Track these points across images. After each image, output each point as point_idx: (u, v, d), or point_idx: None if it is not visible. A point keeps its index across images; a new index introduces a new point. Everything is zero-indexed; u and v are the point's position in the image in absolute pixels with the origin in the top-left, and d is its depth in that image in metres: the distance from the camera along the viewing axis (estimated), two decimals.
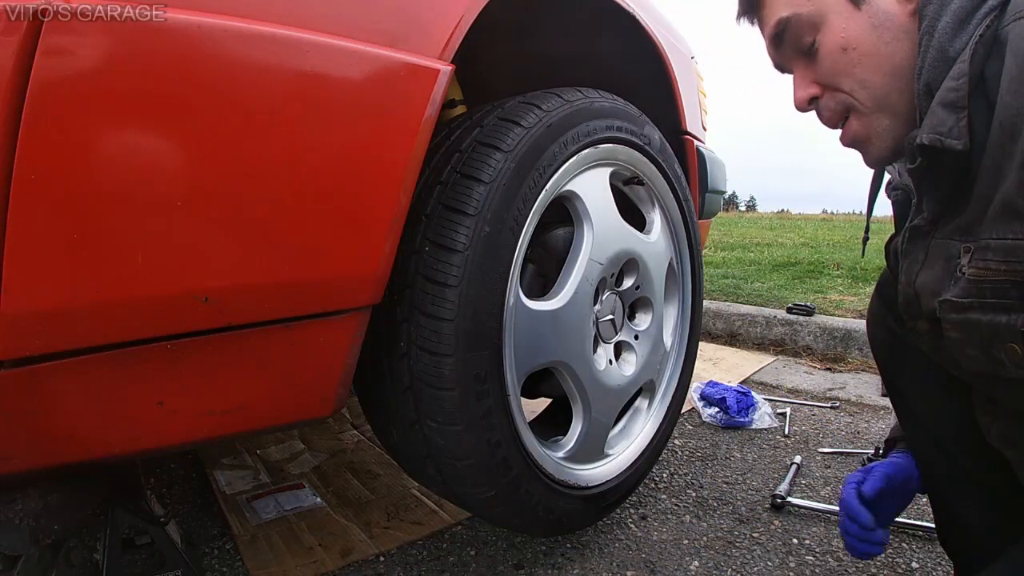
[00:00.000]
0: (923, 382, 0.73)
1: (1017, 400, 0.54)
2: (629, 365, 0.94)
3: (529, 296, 0.76)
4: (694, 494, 1.19)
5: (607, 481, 0.91)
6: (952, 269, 0.54)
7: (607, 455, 0.94)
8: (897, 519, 1.06)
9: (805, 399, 1.80)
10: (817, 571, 0.94)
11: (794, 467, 1.29)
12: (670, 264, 1.02)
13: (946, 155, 0.51)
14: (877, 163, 0.64)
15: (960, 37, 0.51)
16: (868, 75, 0.58)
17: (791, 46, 0.62)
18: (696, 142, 1.24)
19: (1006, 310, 0.48)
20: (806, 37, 0.60)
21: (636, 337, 0.95)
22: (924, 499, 1.14)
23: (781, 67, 0.66)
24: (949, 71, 0.51)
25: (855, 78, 0.59)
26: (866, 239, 0.77)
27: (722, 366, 2.15)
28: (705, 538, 1.02)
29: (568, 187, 0.80)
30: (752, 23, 0.66)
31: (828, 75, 0.60)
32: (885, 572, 0.94)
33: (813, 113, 0.65)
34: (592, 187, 0.83)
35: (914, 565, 0.96)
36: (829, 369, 2.13)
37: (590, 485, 0.88)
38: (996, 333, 0.49)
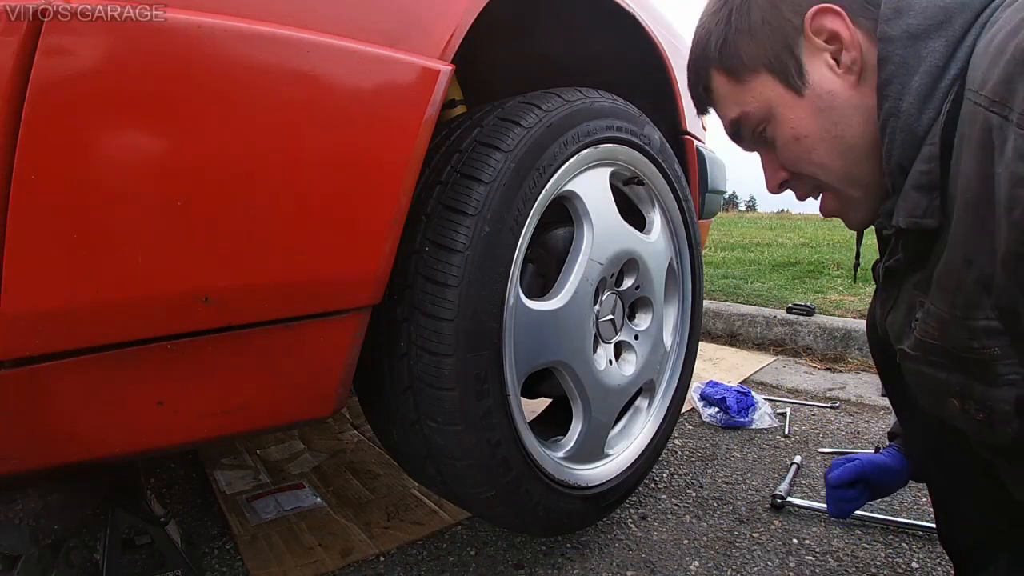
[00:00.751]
0: None
1: (977, 440, 0.55)
2: (629, 365, 0.94)
3: (529, 296, 0.76)
4: (694, 494, 1.19)
5: (607, 481, 0.91)
6: (909, 321, 0.57)
7: (607, 455, 0.94)
8: (897, 519, 1.07)
9: (805, 399, 1.80)
10: (817, 571, 0.94)
11: (794, 467, 1.29)
12: (670, 264, 1.02)
13: (921, 232, 0.53)
14: (858, 227, 0.66)
15: (926, 113, 0.51)
16: (825, 159, 0.59)
17: (749, 139, 0.64)
18: (696, 142, 1.24)
19: (945, 369, 0.52)
20: (759, 129, 0.62)
21: (636, 337, 0.95)
22: (925, 499, 1.15)
23: (748, 149, 0.68)
24: (919, 152, 0.51)
25: (814, 163, 0.60)
26: (857, 265, 0.79)
27: (722, 366, 2.15)
28: (705, 538, 1.02)
29: (568, 187, 0.80)
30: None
31: (789, 163, 0.62)
32: (885, 572, 0.94)
33: None
34: (592, 187, 0.83)
35: (914, 565, 0.96)
36: (829, 369, 2.13)
37: (590, 485, 0.88)
38: (940, 387, 0.53)
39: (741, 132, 0.64)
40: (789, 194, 0.67)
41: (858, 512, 0.99)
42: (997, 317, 0.46)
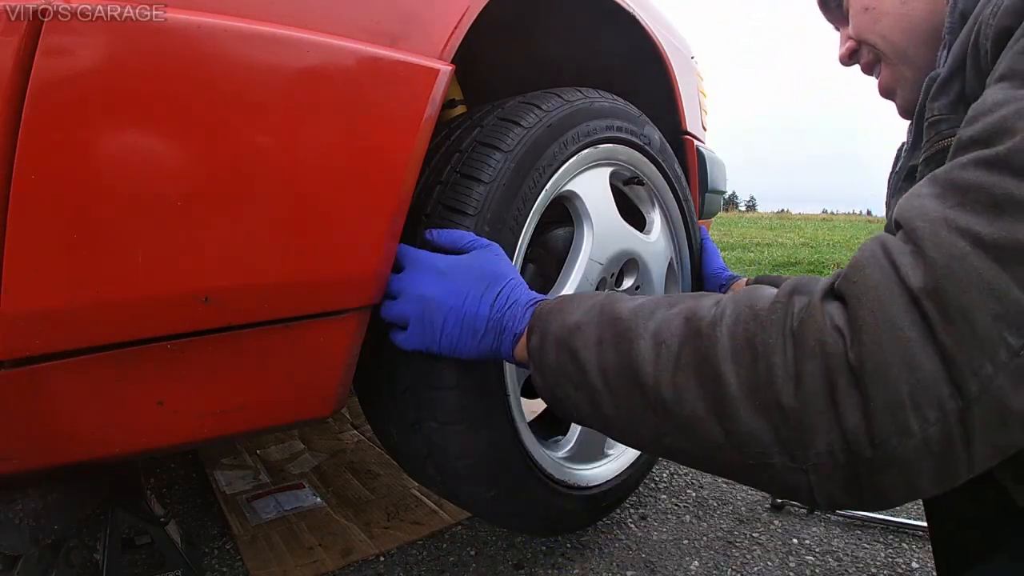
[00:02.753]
0: None
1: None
2: None
3: None
4: (694, 494, 1.19)
5: (607, 481, 0.91)
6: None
7: (607, 455, 0.94)
8: (897, 519, 1.07)
9: None
10: (817, 571, 0.94)
11: None
12: (670, 264, 1.02)
13: None
14: (905, 112, 0.69)
15: None
16: (887, 31, 0.65)
17: (834, 9, 0.73)
18: (696, 142, 1.24)
19: None
20: None
21: None
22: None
23: (835, 26, 0.76)
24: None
25: (877, 34, 0.65)
26: None
27: None
28: (705, 538, 1.02)
29: (568, 187, 0.80)
30: None
31: (857, 31, 0.68)
32: (885, 572, 0.94)
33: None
34: (592, 187, 0.83)
35: (914, 565, 0.96)
36: None
37: (590, 485, 0.88)
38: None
39: (828, 2, 0.73)
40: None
41: (858, 512, 0.99)
42: None
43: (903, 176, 0.64)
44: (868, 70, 0.71)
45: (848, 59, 0.72)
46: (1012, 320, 0.33)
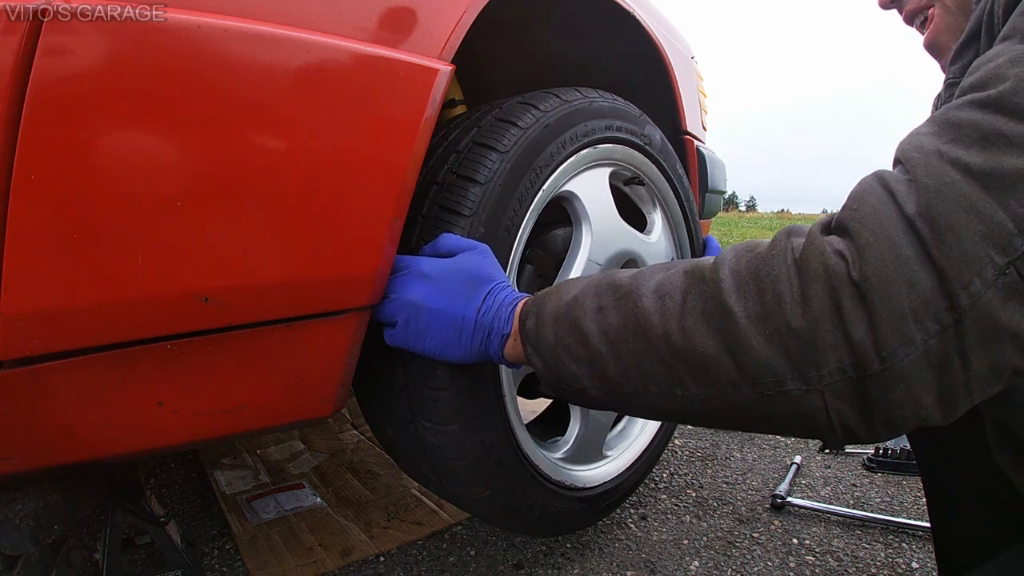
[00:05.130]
0: None
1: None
2: None
3: None
4: (694, 494, 1.19)
5: (605, 482, 0.91)
6: None
7: (606, 456, 0.94)
8: (897, 519, 1.07)
9: None
10: (817, 571, 0.94)
11: (794, 467, 1.29)
12: None
13: None
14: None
15: None
16: None
17: None
18: (696, 142, 1.24)
19: None
20: None
21: None
22: (924, 500, 1.15)
23: None
24: None
25: None
26: None
27: None
28: (705, 538, 1.02)
29: (566, 187, 0.79)
30: None
31: None
32: (885, 572, 0.94)
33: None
34: (591, 187, 0.83)
35: (914, 565, 0.96)
36: None
37: (588, 486, 0.88)
38: None
39: None
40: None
41: (858, 512, 0.99)
42: None
43: None
44: (910, 18, 0.66)
45: (890, 2, 0.68)
46: (997, 240, 0.36)
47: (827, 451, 1.42)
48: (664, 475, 1.27)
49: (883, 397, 0.38)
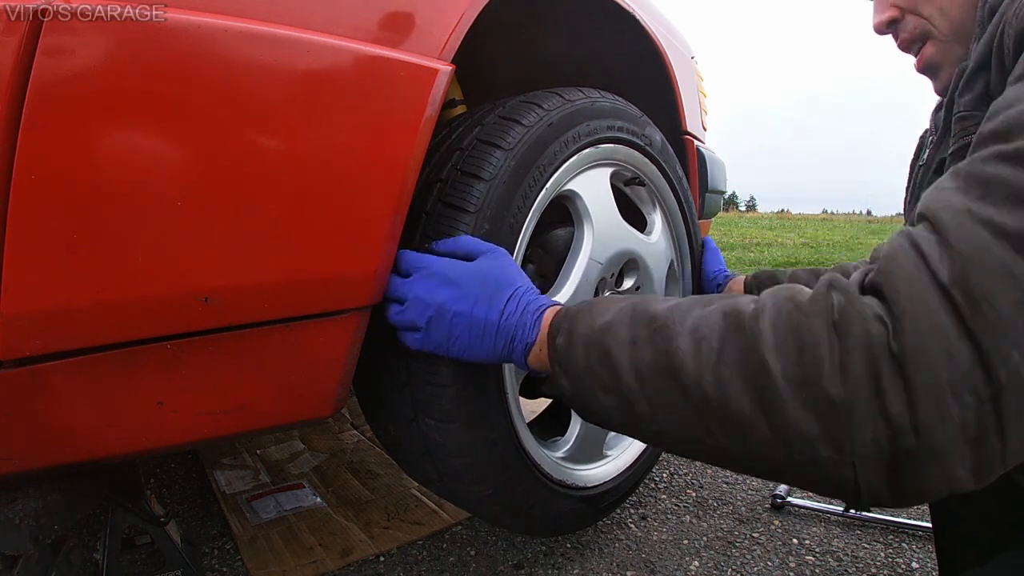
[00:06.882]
0: None
1: None
2: None
3: None
4: (694, 494, 1.19)
5: (606, 482, 0.91)
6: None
7: (606, 456, 0.94)
8: (897, 519, 1.07)
9: None
10: (817, 571, 0.94)
11: None
12: (671, 265, 1.02)
13: None
14: (943, 91, 0.66)
15: None
16: (947, 4, 0.60)
17: None
18: (696, 142, 1.24)
19: None
20: None
21: None
22: None
23: None
24: None
25: (935, 5, 0.61)
26: None
27: None
28: (705, 538, 1.02)
29: (568, 186, 0.80)
30: None
31: (909, 0, 0.63)
32: (885, 572, 0.94)
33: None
34: (592, 187, 0.83)
35: (914, 565, 0.96)
36: None
37: (588, 486, 0.88)
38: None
39: None
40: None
41: (859, 512, 0.99)
42: None
43: (932, 169, 0.62)
44: (906, 46, 0.66)
45: (885, 28, 0.67)
46: None
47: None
48: (664, 475, 1.27)
49: (916, 471, 0.37)
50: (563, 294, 0.78)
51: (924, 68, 0.66)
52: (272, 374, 0.56)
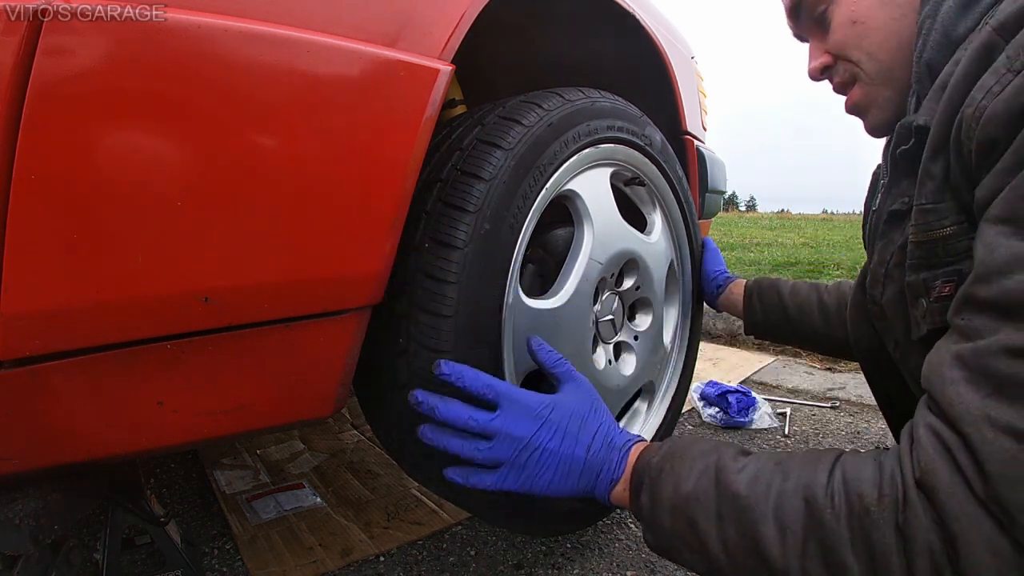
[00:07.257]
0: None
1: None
2: (628, 366, 0.94)
3: (528, 296, 0.76)
4: None
5: None
6: (904, 234, 0.58)
7: None
8: None
9: (805, 399, 1.80)
10: None
11: None
12: (671, 265, 1.02)
13: None
14: (875, 131, 0.68)
15: (964, 22, 0.53)
16: (875, 49, 0.61)
17: (807, 17, 0.67)
18: (696, 142, 1.24)
19: (915, 270, 0.54)
20: (819, 7, 0.65)
21: (636, 338, 0.95)
22: None
23: (800, 37, 0.72)
24: (952, 55, 0.53)
25: (863, 50, 0.62)
26: None
27: (722, 366, 2.15)
28: None
29: (568, 186, 0.80)
30: None
31: (838, 46, 0.64)
32: None
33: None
34: (592, 187, 0.83)
35: None
36: (829, 369, 2.13)
37: None
38: (916, 290, 0.54)
39: (801, 11, 0.67)
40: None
41: None
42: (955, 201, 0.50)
43: (884, 219, 0.62)
44: (841, 89, 0.68)
45: (820, 74, 0.69)
46: None
47: None
48: None
49: None
50: (563, 293, 0.78)
51: (852, 109, 0.67)
52: (272, 374, 0.56)
